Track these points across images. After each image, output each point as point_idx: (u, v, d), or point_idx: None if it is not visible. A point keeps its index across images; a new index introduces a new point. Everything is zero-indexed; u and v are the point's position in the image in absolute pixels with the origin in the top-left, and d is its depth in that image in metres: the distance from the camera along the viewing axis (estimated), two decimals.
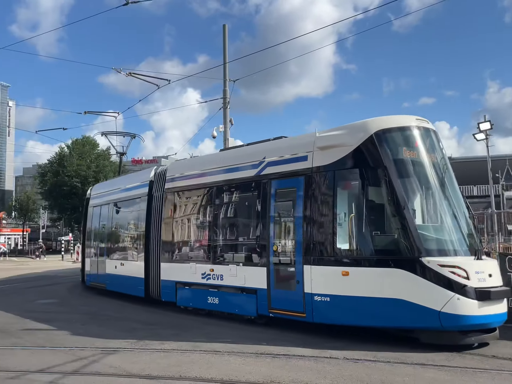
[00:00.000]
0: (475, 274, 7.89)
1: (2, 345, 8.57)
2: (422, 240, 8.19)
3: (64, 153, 66.94)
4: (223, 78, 19.37)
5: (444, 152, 9.47)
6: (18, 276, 24.82)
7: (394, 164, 8.68)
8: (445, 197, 8.93)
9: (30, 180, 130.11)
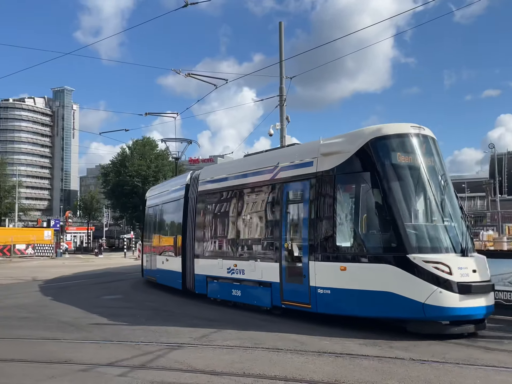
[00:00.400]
0: (458, 270, 8.59)
1: (73, 338, 8.93)
2: (410, 239, 8.91)
3: (126, 154, 69.05)
4: (279, 76, 19.36)
5: (439, 157, 10.02)
6: (84, 272, 25.87)
7: (387, 169, 9.46)
8: (435, 199, 9.54)
9: (93, 180, 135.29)
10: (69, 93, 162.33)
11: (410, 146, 9.74)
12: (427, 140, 9.96)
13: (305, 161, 10.65)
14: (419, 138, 9.86)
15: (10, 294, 16.32)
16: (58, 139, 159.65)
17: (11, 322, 10.72)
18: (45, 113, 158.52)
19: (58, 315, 11.56)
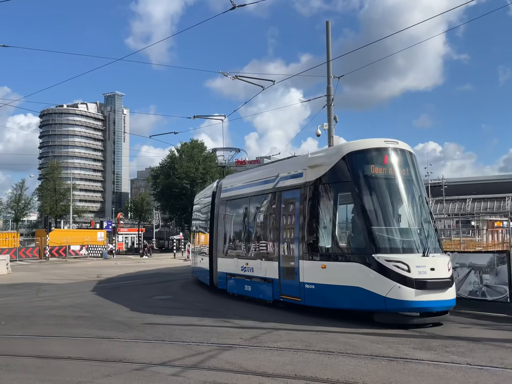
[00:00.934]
0: (416, 268, 9.71)
1: (127, 337, 9.13)
2: (376, 241, 10.17)
3: (174, 156, 70.25)
4: (326, 75, 19.18)
5: (412, 167, 11.19)
6: (135, 273, 26.49)
7: (359, 179, 10.74)
8: (402, 206, 10.76)
9: (143, 182, 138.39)
10: (119, 98, 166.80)
11: (381, 159, 10.93)
12: (399, 153, 11.13)
13: (297, 172, 12.15)
14: (391, 152, 11.04)
15: (66, 293, 16.90)
16: (109, 143, 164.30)
17: (67, 321, 11.09)
18: (97, 118, 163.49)
19: (111, 314, 11.86)
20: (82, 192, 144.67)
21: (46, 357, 7.72)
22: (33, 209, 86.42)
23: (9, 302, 14.81)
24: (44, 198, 80.00)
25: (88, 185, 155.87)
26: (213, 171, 67.25)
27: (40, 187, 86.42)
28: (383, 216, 10.59)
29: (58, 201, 78.21)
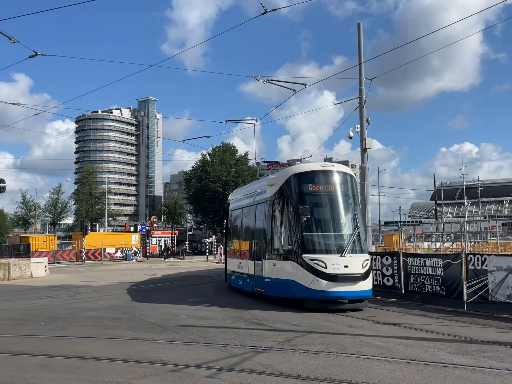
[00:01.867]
0: (332, 265, 12.41)
1: (162, 339, 9.27)
2: (304, 244, 12.99)
3: (206, 160, 70.83)
4: (358, 78, 19.06)
5: (344, 185, 13.90)
6: (168, 275, 26.80)
7: (297, 195, 13.66)
8: (330, 216, 13.62)
9: (176, 186, 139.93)
10: (152, 103, 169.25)
11: (317, 180, 13.78)
12: (333, 175, 13.90)
13: (263, 190, 15.18)
14: (325, 174, 13.91)
15: (102, 295, 17.25)
16: (143, 147, 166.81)
17: (104, 322, 11.32)
18: (131, 123, 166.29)
19: (147, 316, 12.05)
20: (117, 196, 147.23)
21: (84, 357, 7.91)
22: (70, 212, 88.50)
23: (48, 303, 15.22)
24: (80, 202, 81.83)
25: (122, 189, 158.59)
26: (245, 174, 67.55)
27: (76, 191, 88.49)
28: (311, 224, 13.58)
29: (93, 204, 79.90)
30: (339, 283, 12.30)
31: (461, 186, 78.06)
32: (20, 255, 39.20)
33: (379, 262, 15.07)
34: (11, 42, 13.11)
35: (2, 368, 7.26)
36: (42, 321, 11.57)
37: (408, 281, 13.99)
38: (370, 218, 20.40)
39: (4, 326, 11.24)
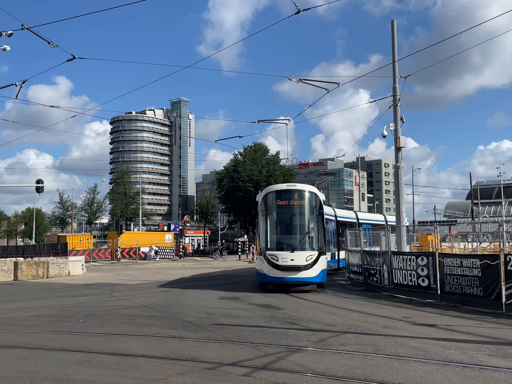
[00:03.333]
0: (282, 259, 17.06)
1: (197, 337, 9.39)
2: (267, 244, 17.89)
3: (238, 160, 71.07)
4: (392, 75, 18.84)
5: (303, 200, 18.30)
6: (202, 274, 27.06)
7: (268, 208, 18.42)
8: (288, 223, 18.44)
9: (208, 185, 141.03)
10: (185, 103, 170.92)
11: (282, 196, 18.47)
12: (295, 193, 18.41)
13: (258, 201, 18.97)
14: (289, 192, 18.54)
15: (137, 293, 17.56)
16: (175, 147, 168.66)
17: (141, 320, 11.52)
18: (164, 124, 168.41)
19: (182, 314, 12.22)
20: (150, 196, 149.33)
21: (122, 354, 8.08)
22: (105, 212, 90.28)
23: (85, 301, 15.59)
24: (115, 202, 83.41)
25: (156, 189, 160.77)
26: (277, 174, 67.47)
27: (111, 191, 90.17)
28: (274, 229, 18.39)
29: (128, 204, 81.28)
30: (286, 272, 17.10)
31: (499, 185, 76.13)
32: (58, 254, 40.25)
33: (414, 262, 14.87)
34: (50, 46, 13.50)
35: (44, 364, 7.49)
36: (80, 318, 11.86)
37: (444, 282, 13.76)
38: (405, 217, 20.11)
39: (44, 322, 11.57)
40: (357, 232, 20.80)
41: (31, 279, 24.62)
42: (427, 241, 25.32)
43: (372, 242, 21.83)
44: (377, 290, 17.24)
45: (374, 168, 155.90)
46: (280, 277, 17.14)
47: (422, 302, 14.27)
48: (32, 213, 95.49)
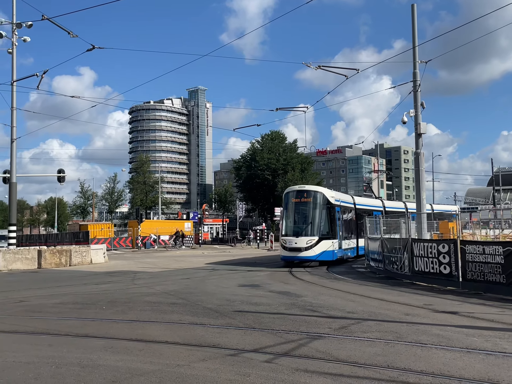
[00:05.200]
0: (288, 242, 23.56)
1: (218, 324, 9.47)
2: (283, 231, 24.52)
3: (255, 148, 70.97)
4: (412, 61, 18.56)
5: (310, 198, 24.22)
6: (221, 262, 27.22)
7: (286, 205, 24.98)
8: (298, 215, 24.55)
9: (226, 174, 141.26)
10: (202, 92, 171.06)
11: (295, 195, 24.63)
12: (304, 192, 24.64)
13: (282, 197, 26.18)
14: (300, 192, 24.77)
15: (159, 281, 17.76)
16: (193, 136, 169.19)
17: (162, 307, 11.66)
18: (182, 113, 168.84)
19: (203, 301, 12.33)
20: (169, 185, 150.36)
21: (145, 340, 8.19)
22: (125, 201, 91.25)
23: (108, 288, 15.82)
24: (134, 191, 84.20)
25: (174, 178, 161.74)
26: (294, 162, 67.28)
27: (131, 180, 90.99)
28: (287, 220, 24.71)
29: (147, 193, 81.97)
30: (291, 252, 23.50)
31: None
32: (80, 242, 40.84)
33: (435, 249, 14.75)
34: (71, 36, 13.59)
35: (70, 350, 7.64)
36: (103, 305, 12.05)
37: (466, 269, 13.63)
38: (425, 204, 19.91)
39: (68, 309, 11.78)
40: (377, 219, 20.68)
41: (54, 267, 25.06)
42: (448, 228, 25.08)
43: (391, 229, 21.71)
44: (398, 278, 17.16)
45: (393, 155, 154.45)
46: (288, 256, 23.69)
47: (444, 290, 14.17)
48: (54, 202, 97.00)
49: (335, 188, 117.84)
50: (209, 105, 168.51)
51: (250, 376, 6.08)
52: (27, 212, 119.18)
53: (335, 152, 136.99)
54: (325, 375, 6.09)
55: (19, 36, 22.50)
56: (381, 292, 14.20)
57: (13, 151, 23.28)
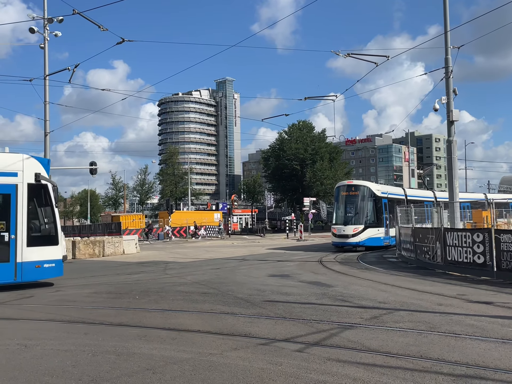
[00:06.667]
0: (337, 230, 27.38)
1: (249, 314, 9.53)
2: (333, 220, 28.87)
3: (283, 138, 70.72)
4: (444, 46, 18.15)
5: (357, 191, 27.78)
6: (250, 253, 27.35)
7: (336, 197, 29.97)
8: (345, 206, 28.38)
9: (255, 165, 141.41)
10: (230, 83, 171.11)
11: (345, 188, 28.35)
12: (352, 186, 28.47)
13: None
14: (349, 185, 28.75)
15: (190, 271, 17.97)
16: (222, 127, 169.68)
17: (194, 297, 11.80)
18: (210, 104, 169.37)
19: (233, 291, 12.42)
20: (198, 176, 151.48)
21: (178, 329, 8.31)
22: (156, 192, 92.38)
23: (140, 278, 16.09)
24: (164, 182, 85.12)
25: (203, 169, 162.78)
26: (323, 152, 66.78)
27: (161, 172, 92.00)
28: (337, 210, 28.48)
29: (177, 184, 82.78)
30: (339, 238, 27.14)
31: None
32: (112, 233, 41.60)
33: (469, 239, 14.48)
34: (101, 30, 13.76)
35: (105, 338, 7.81)
36: (136, 295, 12.26)
37: (501, 258, 13.35)
38: (458, 193, 19.54)
39: (102, 299, 12.04)
40: (408, 209, 20.41)
41: (88, 257, 25.63)
42: (481, 217, 24.55)
43: (422, 218, 21.44)
44: (430, 268, 16.94)
45: (424, 143, 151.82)
46: (337, 241, 27.45)
47: (477, 280, 13.93)
48: (87, 194, 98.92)
49: (364, 177, 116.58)
50: (237, 95, 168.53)
51: (282, 365, 6.12)
52: (61, 204, 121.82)
53: (364, 141, 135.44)
54: (357, 364, 6.07)
55: (50, 31, 22.92)
56: (412, 282, 14.04)
57: (46, 144, 23.77)
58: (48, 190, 13.90)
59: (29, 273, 13.51)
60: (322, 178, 62.32)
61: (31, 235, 13.54)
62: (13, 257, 13.22)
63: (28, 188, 13.49)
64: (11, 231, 13.19)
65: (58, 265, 14.18)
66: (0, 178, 13.26)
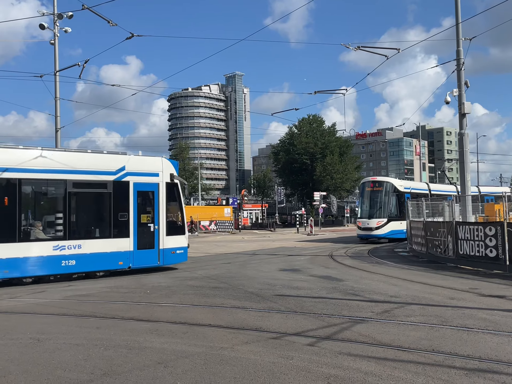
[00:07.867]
0: (362, 223, 29.70)
1: (260, 308, 9.54)
2: (359, 214, 31.28)
3: (293, 133, 70.51)
4: (456, 38, 17.95)
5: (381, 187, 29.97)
6: (261, 247, 27.34)
7: (361, 192, 32.08)
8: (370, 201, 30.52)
9: (265, 159, 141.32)
10: (239, 78, 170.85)
11: (370, 184, 30.55)
12: (376, 182, 30.55)
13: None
14: (373, 181, 30.72)
15: (200, 266, 18.01)
16: (231, 122, 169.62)
17: (205, 291, 11.83)
18: (219, 99, 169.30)
19: (244, 286, 12.43)
20: (208, 171, 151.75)
21: (189, 323, 8.34)
22: None
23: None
24: None
25: (213, 164, 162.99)
26: (333, 146, 66.45)
27: None
28: (363, 205, 30.71)
29: (187, 179, 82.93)
30: (363, 230, 29.15)
31: None
32: None
33: (481, 232, 14.36)
34: (110, 25, 13.77)
35: (117, 332, 7.86)
36: (148, 290, 12.32)
37: None
38: (470, 187, 19.36)
39: (114, 293, 12.10)
40: (419, 203, 20.28)
41: None
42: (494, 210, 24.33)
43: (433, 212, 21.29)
44: (441, 261, 16.83)
45: (435, 136, 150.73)
46: (361, 234, 29.61)
47: (490, 273, 13.82)
48: None
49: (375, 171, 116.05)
50: (246, 90, 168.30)
51: (293, 359, 6.11)
52: None
53: (375, 134, 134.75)
54: (368, 358, 6.05)
55: (61, 27, 22.99)
56: (424, 276, 13.97)
57: (57, 140, 23.88)
58: (178, 188, 16.46)
59: (168, 258, 16.08)
60: (332, 172, 62.06)
61: (168, 226, 16.02)
62: (157, 245, 15.79)
63: (166, 186, 16.03)
64: (155, 222, 15.79)
65: (185, 252, 16.80)
66: (147, 177, 15.74)
